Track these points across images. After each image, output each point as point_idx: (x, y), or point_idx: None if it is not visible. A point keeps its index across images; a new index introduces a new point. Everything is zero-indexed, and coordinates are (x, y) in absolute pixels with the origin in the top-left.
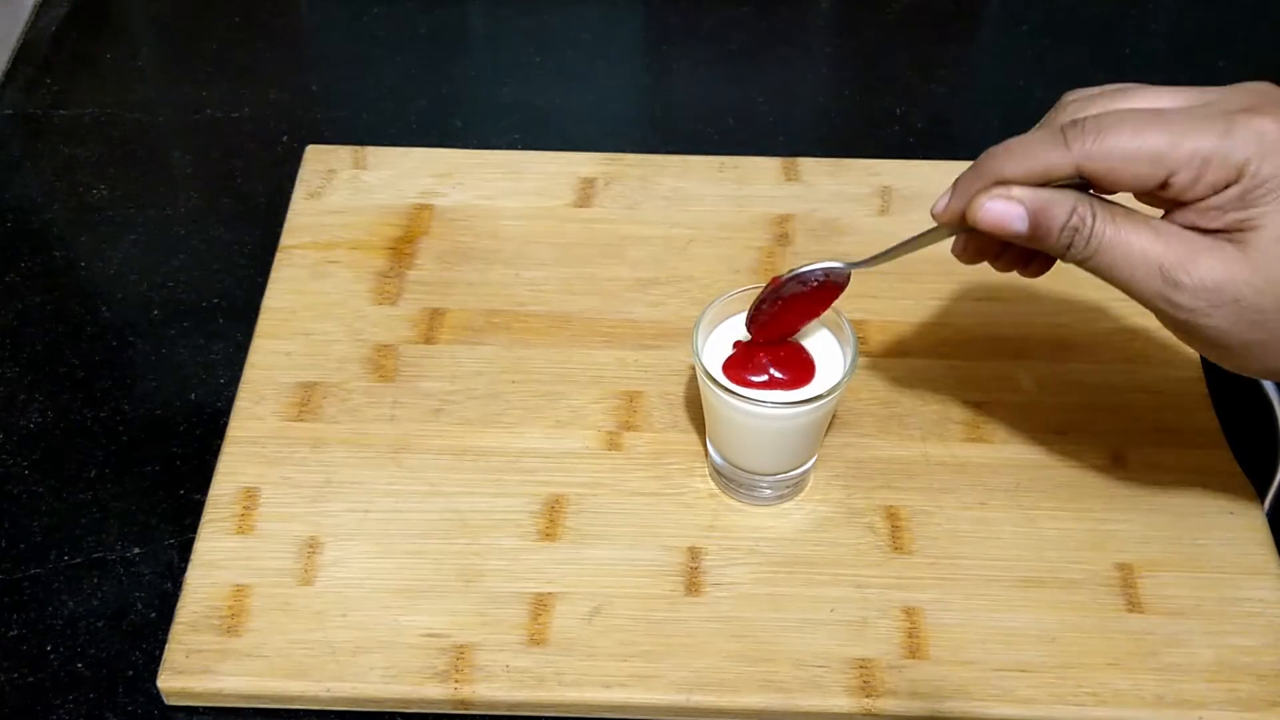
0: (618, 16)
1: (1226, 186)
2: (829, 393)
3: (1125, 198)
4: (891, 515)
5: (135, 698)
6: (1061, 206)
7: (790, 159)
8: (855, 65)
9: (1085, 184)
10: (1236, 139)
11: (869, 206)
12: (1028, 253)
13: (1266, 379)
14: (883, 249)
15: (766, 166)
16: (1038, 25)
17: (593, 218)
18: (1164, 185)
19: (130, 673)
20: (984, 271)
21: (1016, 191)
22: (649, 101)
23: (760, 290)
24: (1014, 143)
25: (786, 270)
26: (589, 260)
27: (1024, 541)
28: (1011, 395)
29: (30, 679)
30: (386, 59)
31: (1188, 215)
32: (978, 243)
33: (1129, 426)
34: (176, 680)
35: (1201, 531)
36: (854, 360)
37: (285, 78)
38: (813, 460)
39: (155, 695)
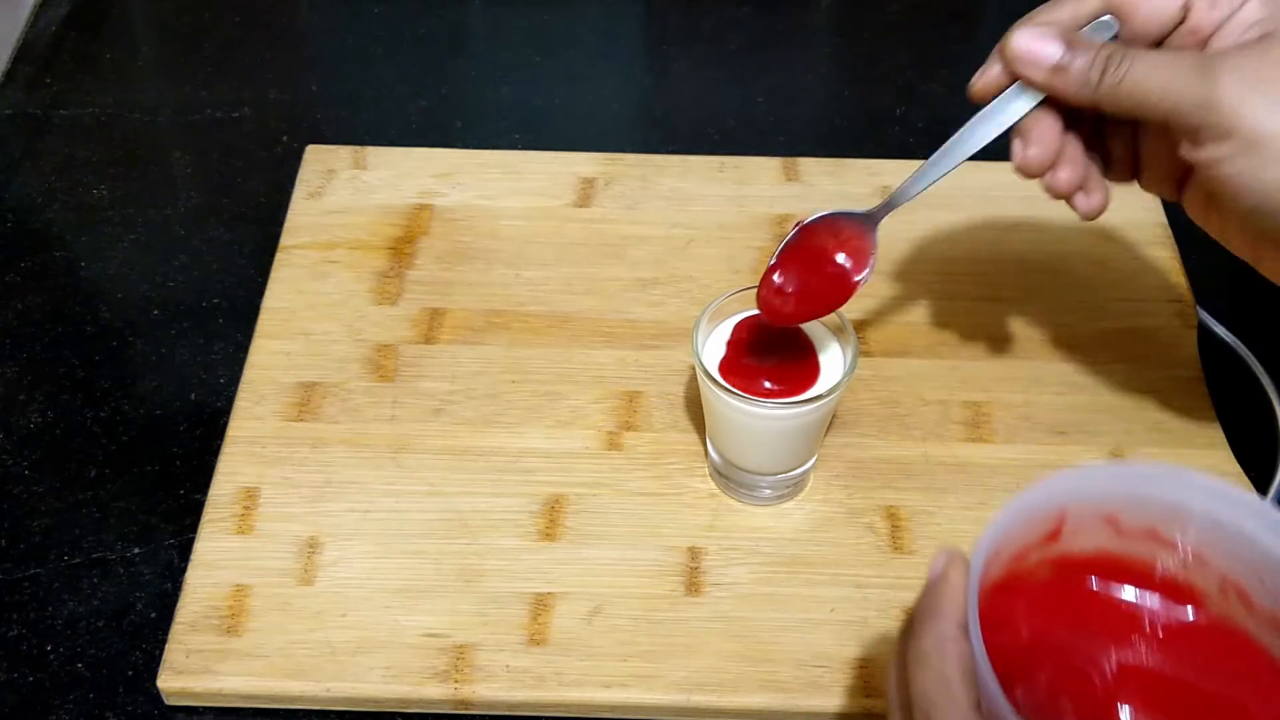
0: (618, 16)
1: (1244, 3)
2: (829, 393)
3: None
4: (891, 515)
5: (135, 698)
6: (1092, 39)
7: (790, 159)
8: (855, 65)
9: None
10: None
11: (869, 206)
12: (1084, 163)
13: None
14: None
15: (766, 166)
16: None
17: (593, 218)
18: (1184, 18)
19: (130, 673)
20: (984, 271)
21: (1048, 26)
22: (649, 101)
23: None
24: (1036, 9)
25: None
26: (589, 260)
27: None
28: (1011, 395)
29: (30, 679)
30: (386, 59)
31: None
32: (1038, 133)
33: (1129, 426)
34: (176, 680)
35: None
36: (854, 360)
37: (285, 78)
38: (813, 460)
39: (155, 695)
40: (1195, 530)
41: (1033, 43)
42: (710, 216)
